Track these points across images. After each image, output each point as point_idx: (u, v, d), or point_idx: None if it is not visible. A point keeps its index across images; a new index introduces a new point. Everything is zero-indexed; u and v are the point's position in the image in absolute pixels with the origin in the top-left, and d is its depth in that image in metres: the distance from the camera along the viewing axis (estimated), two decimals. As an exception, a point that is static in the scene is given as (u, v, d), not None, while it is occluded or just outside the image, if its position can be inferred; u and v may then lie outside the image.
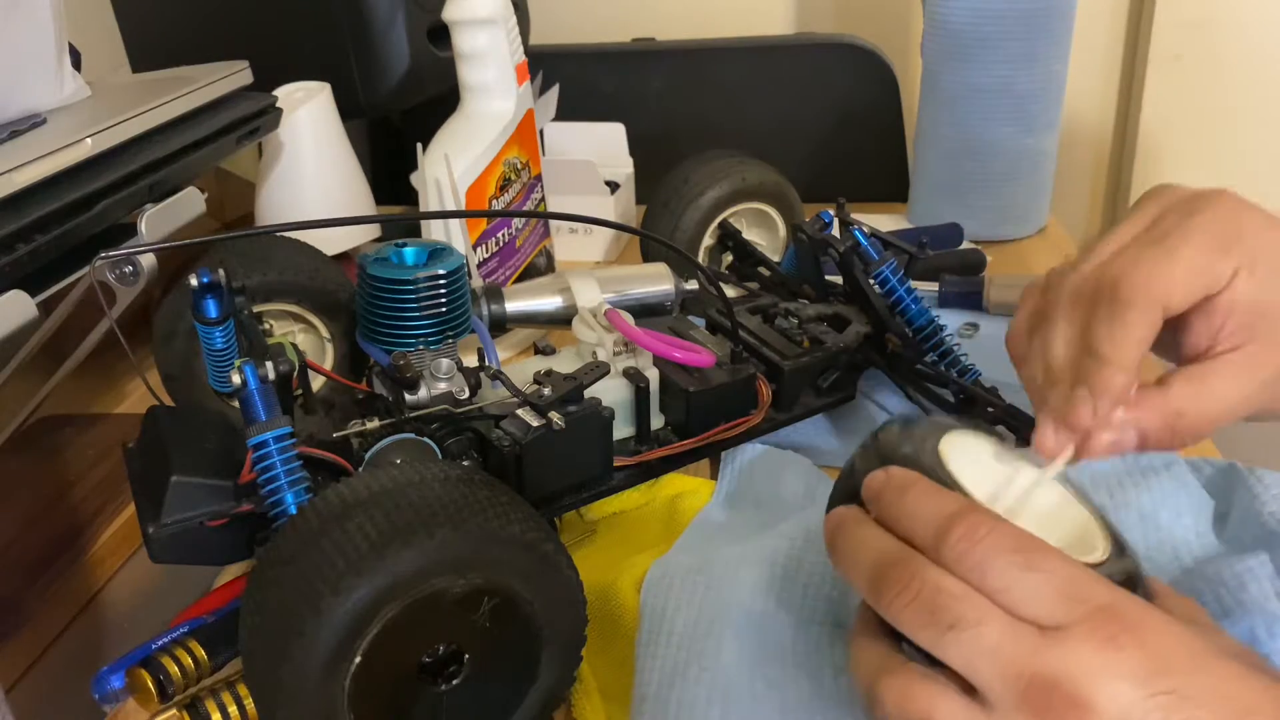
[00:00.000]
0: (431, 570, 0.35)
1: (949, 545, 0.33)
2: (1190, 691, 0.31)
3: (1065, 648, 0.31)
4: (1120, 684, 0.31)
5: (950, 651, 0.32)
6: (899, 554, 0.34)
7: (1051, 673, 0.31)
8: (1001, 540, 0.33)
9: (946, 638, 0.32)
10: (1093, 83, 1.17)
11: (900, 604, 0.33)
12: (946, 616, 0.32)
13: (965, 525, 0.33)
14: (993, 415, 0.55)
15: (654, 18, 1.13)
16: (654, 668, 0.41)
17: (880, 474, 0.37)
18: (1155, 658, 0.31)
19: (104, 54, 0.81)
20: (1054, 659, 0.31)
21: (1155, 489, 0.48)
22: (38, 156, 0.47)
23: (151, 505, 0.42)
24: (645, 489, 0.55)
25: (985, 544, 0.33)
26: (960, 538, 0.33)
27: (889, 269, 0.59)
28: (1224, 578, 0.41)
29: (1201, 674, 0.31)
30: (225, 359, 0.48)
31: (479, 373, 0.50)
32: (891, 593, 0.33)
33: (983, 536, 0.33)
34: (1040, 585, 0.32)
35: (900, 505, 0.35)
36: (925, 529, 0.34)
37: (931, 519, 0.34)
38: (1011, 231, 0.90)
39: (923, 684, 0.33)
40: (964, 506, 0.34)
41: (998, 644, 0.32)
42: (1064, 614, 0.32)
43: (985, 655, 0.32)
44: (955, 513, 0.34)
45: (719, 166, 0.74)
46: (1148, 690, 0.31)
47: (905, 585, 0.33)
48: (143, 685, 0.39)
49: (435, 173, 0.67)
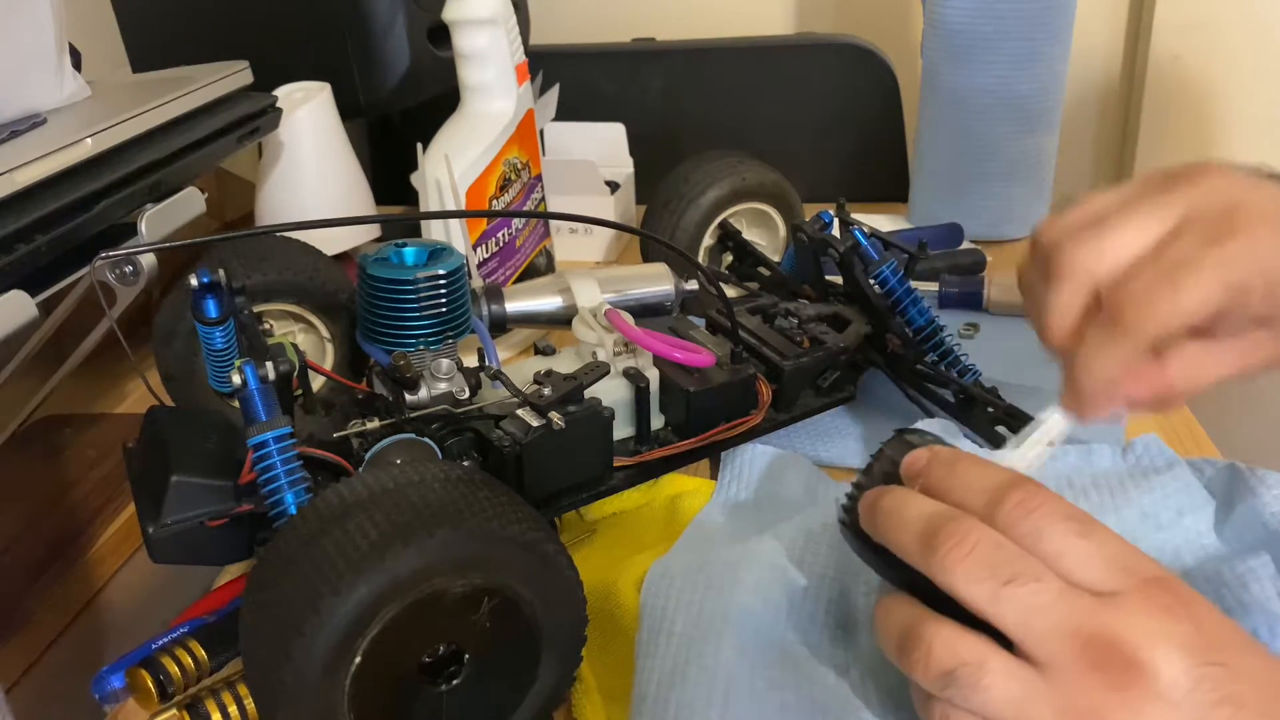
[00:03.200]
0: (431, 570, 0.35)
1: (1004, 510, 0.34)
2: (1237, 668, 0.32)
3: (1122, 611, 0.32)
4: (1176, 651, 0.31)
5: (1005, 607, 0.33)
6: (952, 514, 0.35)
7: (1110, 633, 0.32)
8: (1057, 508, 0.34)
9: (1003, 592, 0.33)
10: (1093, 83, 1.17)
11: (955, 558, 0.33)
12: (1005, 571, 0.33)
13: (1022, 492, 0.34)
14: (992, 415, 0.55)
15: (654, 18, 1.13)
16: (654, 667, 0.41)
17: (924, 452, 0.38)
18: (1206, 631, 0.32)
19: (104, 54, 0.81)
20: (1112, 620, 0.32)
21: (1157, 489, 0.48)
22: (38, 156, 0.47)
23: (151, 505, 0.42)
24: (645, 489, 0.55)
25: (1041, 511, 0.34)
26: (1017, 503, 0.34)
27: (889, 269, 0.59)
28: (1226, 578, 0.41)
29: (1247, 654, 0.32)
30: (225, 359, 0.48)
31: (479, 373, 0.50)
32: (945, 547, 0.34)
33: (1038, 504, 0.34)
34: (1095, 553, 0.33)
35: (951, 475, 0.36)
36: (979, 495, 0.35)
37: (985, 486, 0.35)
38: (1011, 231, 0.90)
39: (972, 636, 0.33)
40: (1016, 476, 0.35)
41: (1055, 600, 0.32)
42: (1118, 581, 0.33)
43: (1042, 611, 0.32)
44: (1011, 480, 0.35)
45: (719, 166, 0.74)
46: (1200, 659, 0.31)
47: (961, 540, 0.33)
48: (143, 685, 0.39)
49: (435, 173, 0.67)
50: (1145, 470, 0.49)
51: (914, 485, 0.37)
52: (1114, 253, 0.37)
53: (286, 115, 0.69)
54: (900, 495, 0.37)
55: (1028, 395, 0.56)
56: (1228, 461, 0.50)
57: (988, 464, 0.36)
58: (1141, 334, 0.36)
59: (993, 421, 0.55)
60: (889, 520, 0.36)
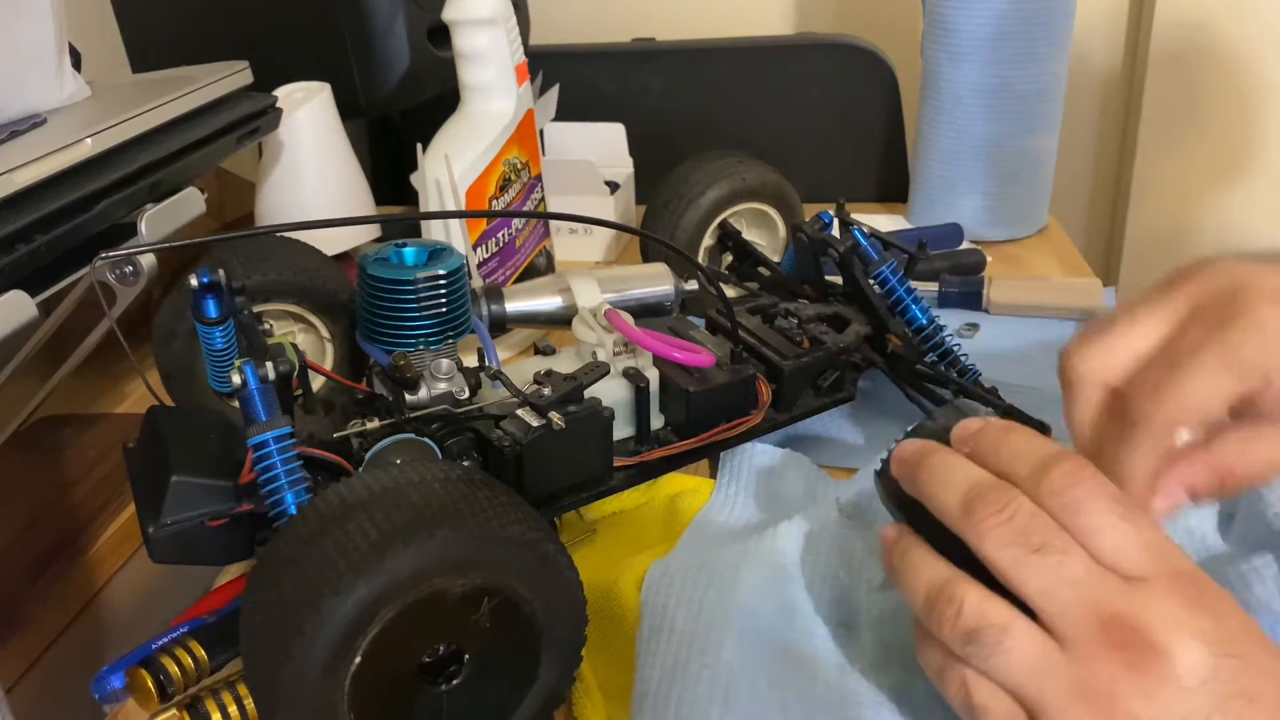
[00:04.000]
0: (431, 570, 0.35)
1: (1050, 479, 0.34)
2: (1255, 663, 0.32)
3: (1148, 597, 0.32)
4: (1195, 640, 0.32)
5: (1030, 574, 0.33)
6: (996, 482, 0.35)
7: (1133, 615, 0.32)
8: (1102, 486, 0.34)
9: (1031, 559, 0.33)
10: (1093, 83, 1.17)
11: (992, 523, 0.34)
12: (1036, 539, 0.33)
13: (1070, 464, 0.35)
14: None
15: (654, 18, 1.13)
16: (654, 665, 0.41)
17: (977, 420, 0.38)
18: (1226, 626, 0.33)
19: (104, 54, 0.81)
20: (1136, 604, 0.32)
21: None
22: (38, 156, 0.47)
23: (151, 505, 0.41)
24: (645, 488, 0.55)
25: (1086, 486, 0.34)
26: (1064, 474, 0.34)
27: (889, 269, 0.59)
28: (1229, 578, 0.42)
29: (1265, 651, 0.33)
30: (225, 359, 0.48)
31: (479, 373, 0.50)
32: (985, 511, 0.34)
33: (1085, 479, 0.34)
34: (1131, 536, 0.33)
35: (1002, 443, 0.37)
36: (1026, 464, 0.35)
37: (1035, 455, 0.35)
38: (1011, 231, 0.90)
39: (1000, 601, 0.34)
40: (1066, 450, 0.36)
41: (1080, 576, 0.33)
42: (1149, 568, 0.33)
43: (1066, 584, 0.33)
44: (1060, 453, 0.35)
45: (719, 166, 0.74)
46: (1219, 651, 0.32)
47: (1002, 506, 0.34)
48: (143, 685, 0.39)
49: (435, 173, 0.67)
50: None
51: (963, 449, 0.38)
52: (1122, 355, 0.38)
53: (286, 115, 0.69)
54: (949, 458, 0.37)
55: (1028, 395, 0.56)
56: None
57: (1039, 437, 0.37)
58: (1153, 425, 0.36)
59: (993, 421, 0.55)
60: (933, 479, 0.37)
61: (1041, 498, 0.34)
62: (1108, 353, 0.38)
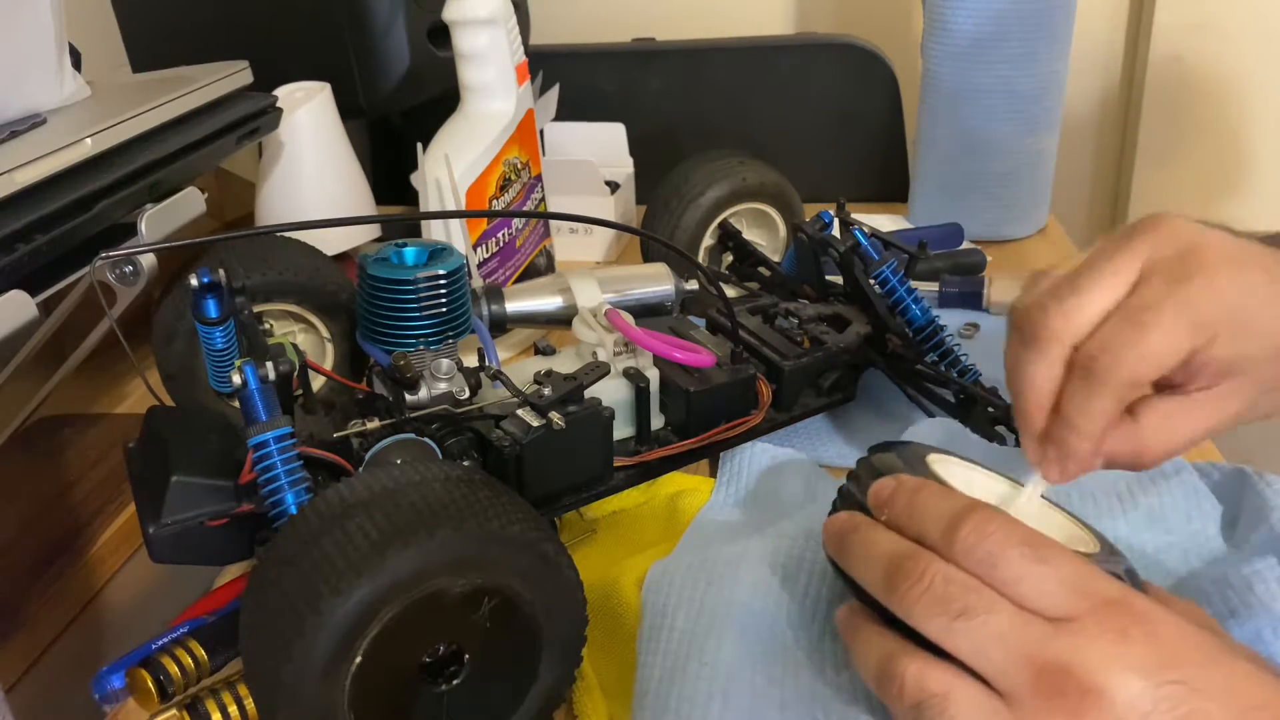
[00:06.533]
0: (431, 570, 0.35)
1: (960, 538, 0.34)
2: (1199, 684, 0.31)
3: (1076, 638, 0.32)
4: (1130, 673, 0.31)
5: (959, 640, 0.33)
6: (912, 550, 0.35)
7: (1063, 661, 0.32)
8: (1011, 534, 0.34)
9: (955, 625, 0.33)
10: (1093, 83, 1.17)
11: (913, 596, 0.34)
12: (955, 605, 0.33)
13: (976, 519, 0.34)
14: (993, 415, 0.55)
15: (654, 18, 1.13)
16: (655, 664, 0.41)
17: (889, 480, 0.38)
18: (1164, 650, 0.32)
19: (104, 54, 0.81)
20: (1065, 648, 0.32)
21: (1164, 493, 0.48)
22: (38, 156, 0.47)
23: (151, 505, 0.41)
24: (645, 488, 0.55)
25: (995, 537, 0.34)
26: (971, 530, 0.34)
27: (889, 269, 0.59)
28: (1231, 580, 0.42)
29: (1210, 668, 0.32)
30: (225, 359, 0.48)
31: (479, 373, 0.50)
32: (905, 585, 0.34)
33: (993, 531, 0.34)
34: (1049, 577, 0.33)
35: (912, 506, 0.37)
36: (936, 525, 0.35)
37: (942, 515, 0.35)
38: (1011, 231, 0.90)
39: (940, 667, 0.34)
40: (973, 503, 0.35)
41: (1006, 631, 0.33)
42: (1073, 606, 0.33)
43: (994, 642, 0.33)
44: (966, 507, 0.35)
45: (719, 166, 0.74)
46: (1157, 679, 0.31)
47: (918, 578, 0.34)
48: (143, 685, 0.39)
49: (435, 173, 0.67)
50: (1153, 475, 0.49)
51: (881, 515, 0.38)
52: (1082, 313, 0.38)
53: (286, 115, 0.69)
54: (867, 533, 0.37)
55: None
56: (1234, 465, 0.50)
57: (948, 492, 0.37)
58: (1116, 382, 0.37)
59: (993, 421, 0.55)
60: (855, 559, 0.37)
61: (956, 558, 0.34)
62: (1077, 312, 0.38)
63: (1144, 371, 0.37)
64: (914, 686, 0.34)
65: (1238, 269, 0.37)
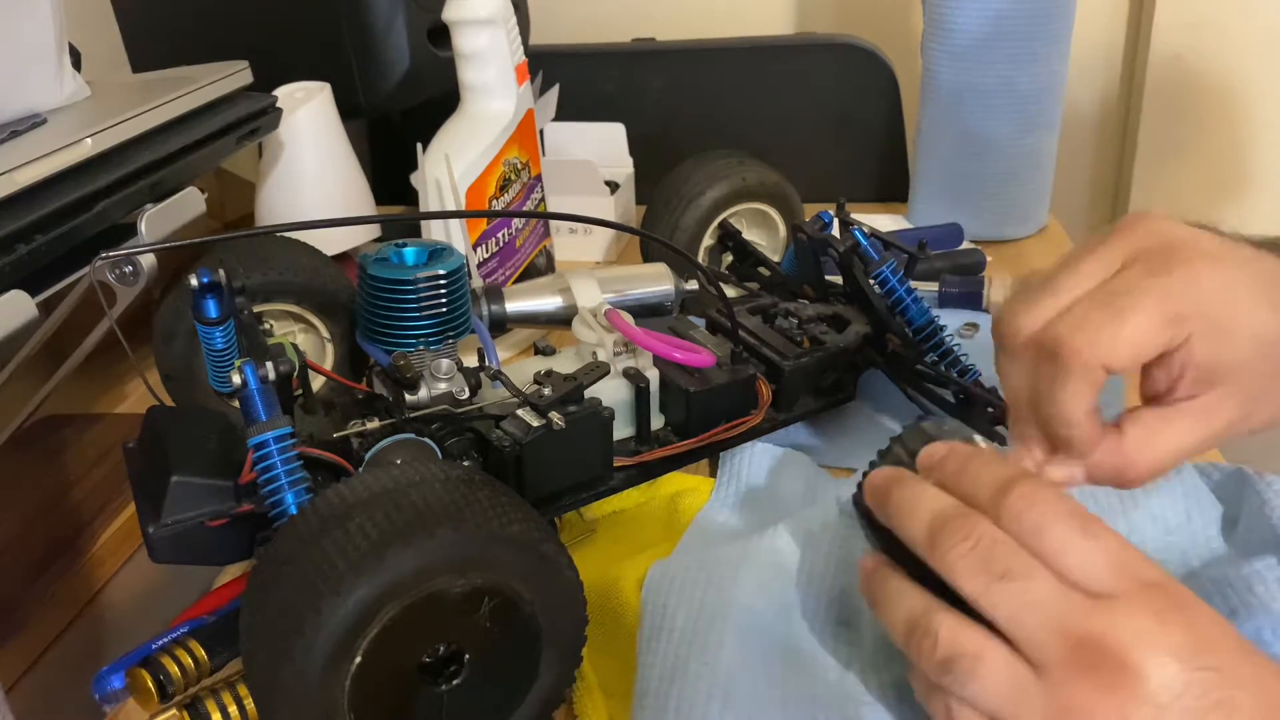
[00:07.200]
0: (431, 570, 0.35)
1: (1009, 502, 0.34)
2: (1231, 673, 0.32)
3: (1115, 615, 0.32)
4: (1166, 655, 0.31)
5: (998, 601, 0.33)
6: (961, 509, 0.35)
7: (1101, 635, 0.32)
8: (1061, 505, 0.34)
9: (996, 586, 0.33)
10: (1093, 83, 1.17)
11: (958, 553, 0.34)
12: (998, 566, 0.33)
13: (1028, 486, 0.34)
14: (993, 415, 0.55)
15: (654, 18, 1.13)
16: (655, 664, 0.41)
17: (941, 445, 0.38)
18: (1200, 637, 0.32)
19: (104, 54, 0.81)
20: (1104, 623, 0.32)
21: (1165, 493, 0.48)
22: (38, 156, 0.47)
23: (151, 505, 0.42)
24: (645, 488, 0.55)
25: (1044, 507, 0.34)
26: (1022, 496, 0.34)
27: (889, 269, 0.59)
28: (1231, 580, 0.42)
29: (1242, 659, 0.32)
30: (225, 359, 0.48)
31: (479, 373, 0.50)
32: (950, 541, 0.34)
33: (1043, 500, 0.34)
34: (1095, 552, 0.33)
35: (964, 470, 0.37)
36: (987, 490, 0.35)
37: (994, 480, 0.35)
38: (1011, 231, 0.90)
39: (975, 627, 0.34)
40: (1025, 472, 0.36)
41: (1047, 599, 0.33)
42: (1115, 583, 0.33)
43: (1033, 608, 0.33)
44: (1019, 474, 0.35)
45: (719, 166, 0.74)
46: (1192, 664, 0.31)
47: (965, 536, 0.34)
48: (143, 685, 0.39)
49: (435, 173, 0.67)
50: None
51: (930, 477, 0.38)
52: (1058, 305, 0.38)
53: (286, 115, 0.69)
54: (915, 487, 0.37)
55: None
56: (1235, 466, 0.50)
57: (1000, 460, 0.37)
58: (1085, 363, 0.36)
59: (993, 421, 0.55)
60: (900, 510, 0.37)
61: (1004, 522, 0.34)
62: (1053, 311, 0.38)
63: (1116, 356, 0.36)
64: (948, 643, 0.33)
65: (1220, 266, 0.37)
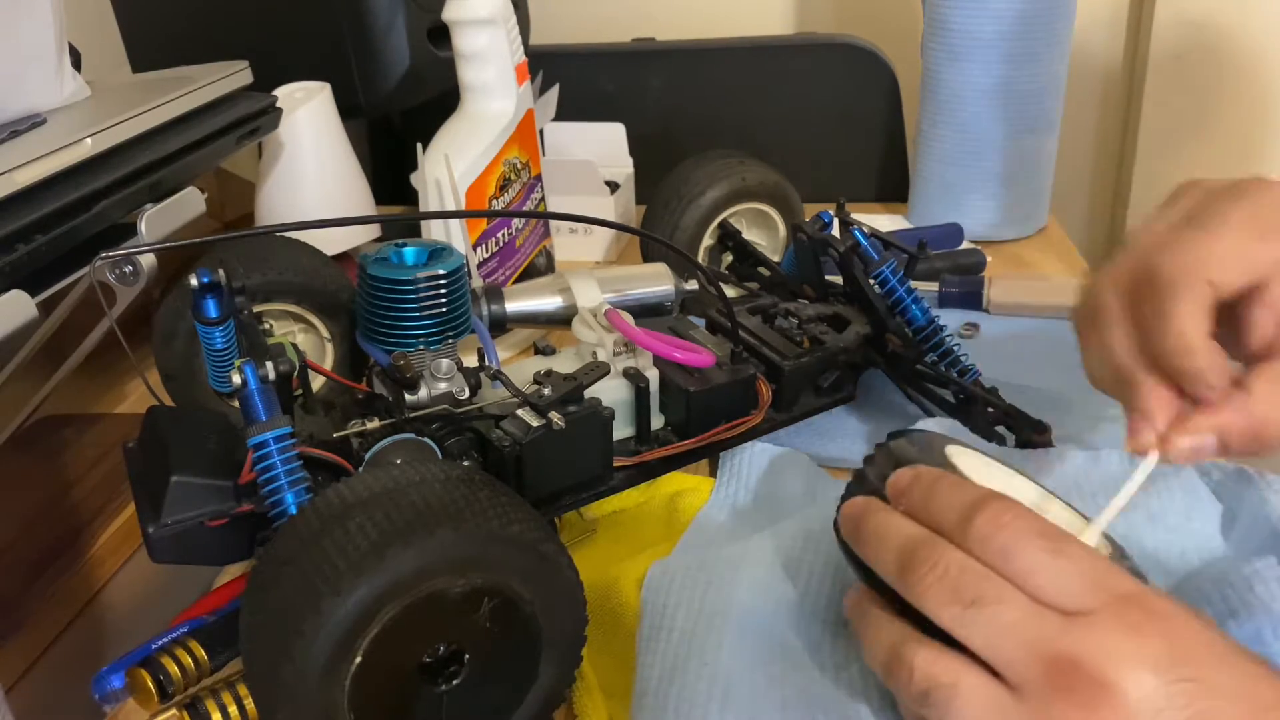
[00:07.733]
0: (431, 570, 0.35)
1: (975, 528, 0.34)
2: (1211, 682, 0.31)
3: (1089, 631, 0.32)
4: (1144, 669, 0.31)
5: (971, 629, 0.33)
6: (927, 537, 0.35)
7: (1075, 654, 0.31)
8: (1027, 525, 0.34)
9: (968, 614, 0.33)
10: (1093, 83, 1.17)
11: (926, 583, 0.34)
12: (968, 594, 0.33)
13: (992, 509, 0.34)
14: (993, 415, 0.55)
15: (654, 18, 1.13)
16: (654, 663, 0.41)
17: (908, 471, 0.38)
18: (1178, 647, 0.32)
19: (104, 54, 0.81)
20: (1078, 641, 0.32)
21: (1164, 492, 0.48)
22: (38, 156, 0.47)
23: (151, 505, 0.42)
24: (645, 488, 0.55)
25: (1011, 528, 0.34)
26: (986, 520, 0.34)
27: (889, 269, 0.59)
28: (1231, 580, 0.41)
29: (1222, 667, 0.32)
30: (225, 359, 0.48)
31: (479, 373, 0.50)
32: (919, 572, 0.34)
33: (1009, 521, 0.34)
34: (1065, 570, 0.33)
35: (930, 496, 0.36)
36: (953, 514, 0.35)
37: (961, 505, 0.35)
38: (1011, 232, 0.90)
39: (950, 656, 0.33)
40: (990, 493, 0.35)
41: (1019, 622, 0.32)
42: (1088, 600, 0.32)
43: (1005, 632, 0.32)
44: (982, 498, 0.35)
45: (719, 166, 0.74)
46: (1170, 676, 0.31)
47: (933, 565, 0.34)
48: (143, 685, 0.39)
49: (435, 173, 0.67)
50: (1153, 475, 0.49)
51: (899, 505, 0.38)
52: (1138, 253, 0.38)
53: (286, 115, 0.69)
54: (882, 517, 0.37)
55: (1028, 395, 0.56)
56: (1235, 465, 0.50)
57: (965, 484, 0.37)
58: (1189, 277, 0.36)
59: (993, 421, 0.55)
60: (870, 543, 0.37)
61: (971, 547, 0.34)
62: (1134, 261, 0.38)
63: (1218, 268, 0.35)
64: (923, 675, 0.33)
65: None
